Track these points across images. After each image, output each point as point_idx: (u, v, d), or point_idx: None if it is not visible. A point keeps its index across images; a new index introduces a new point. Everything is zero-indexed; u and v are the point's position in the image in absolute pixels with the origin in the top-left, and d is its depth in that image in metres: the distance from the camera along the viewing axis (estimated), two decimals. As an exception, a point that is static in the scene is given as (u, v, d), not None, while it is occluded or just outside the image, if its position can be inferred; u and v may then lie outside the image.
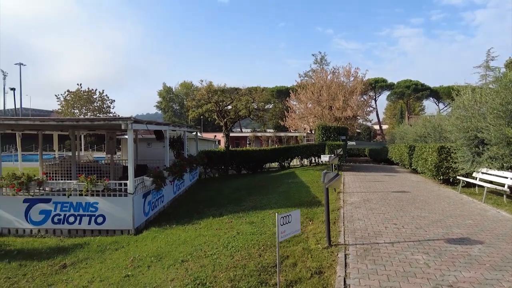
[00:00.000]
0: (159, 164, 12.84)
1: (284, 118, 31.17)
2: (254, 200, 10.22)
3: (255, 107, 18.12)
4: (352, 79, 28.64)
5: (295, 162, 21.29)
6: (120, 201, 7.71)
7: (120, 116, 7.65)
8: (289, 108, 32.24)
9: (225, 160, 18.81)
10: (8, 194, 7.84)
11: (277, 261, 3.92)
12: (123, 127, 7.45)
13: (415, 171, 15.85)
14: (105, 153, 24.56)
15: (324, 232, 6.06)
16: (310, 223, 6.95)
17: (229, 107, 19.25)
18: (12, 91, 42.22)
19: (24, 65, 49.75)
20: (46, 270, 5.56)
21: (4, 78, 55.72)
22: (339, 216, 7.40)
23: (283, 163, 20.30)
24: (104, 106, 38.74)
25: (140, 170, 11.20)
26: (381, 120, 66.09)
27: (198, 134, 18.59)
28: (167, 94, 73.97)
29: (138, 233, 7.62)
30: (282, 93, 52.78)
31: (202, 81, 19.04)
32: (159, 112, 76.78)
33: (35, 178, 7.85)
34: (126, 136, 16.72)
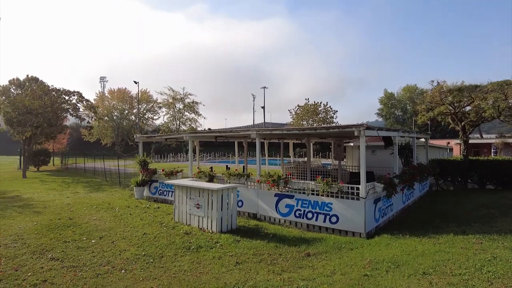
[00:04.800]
0: (384, 171, 12.52)
1: (553, 119, 23.25)
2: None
3: (510, 105, 14.43)
4: None
5: None
6: (352, 204, 8.06)
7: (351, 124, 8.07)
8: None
9: (463, 171, 16.01)
10: (264, 189, 9.83)
11: None
12: (356, 133, 7.79)
13: None
14: (330, 159, 26.45)
15: None
16: None
17: (468, 108, 16.28)
18: (260, 109, 52.76)
19: (267, 88, 61.41)
20: (295, 254, 6.55)
21: (253, 100, 70.29)
22: None
23: (554, 179, 15.13)
24: (328, 116, 41.74)
25: (367, 177, 11.32)
26: None
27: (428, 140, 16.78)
28: (388, 101, 71.47)
29: (369, 238, 7.70)
30: (548, 87, 39.70)
31: (432, 81, 17.12)
32: (380, 119, 75.19)
33: (283, 177, 9.44)
34: (351, 144, 17.41)
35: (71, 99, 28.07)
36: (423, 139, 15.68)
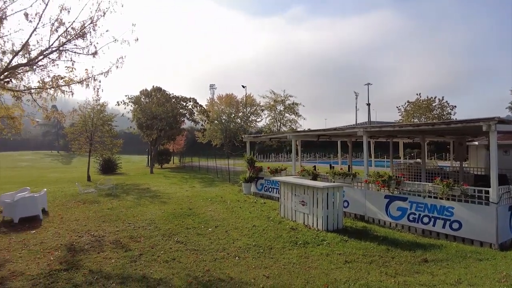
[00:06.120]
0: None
1: None
2: None
3: None
4: None
5: None
6: (480, 209, 7.04)
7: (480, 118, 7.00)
8: None
9: None
10: (372, 190, 9.37)
11: None
12: (484, 128, 6.79)
13: None
14: (448, 161, 23.49)
15: None
16: None
17: None
18: (362, 108, 50.36)
19: (371, 84, 58.11)
20: (409, 259, 6.08)
21: (356, 98, 67.47)
22: None
23: None
24: (444, 113, 37.23)
25: (499, 180, 9.70)
26: None
27: None
28: (524, 92, 59.64)
29: (503, 250, 6.62)
30: None
31: None
32: (512, 115, 63.25)
33: (395, 177, 8.84)
34: (476, 142, 15.16)
35: (187, 104, 31.66)
36: None
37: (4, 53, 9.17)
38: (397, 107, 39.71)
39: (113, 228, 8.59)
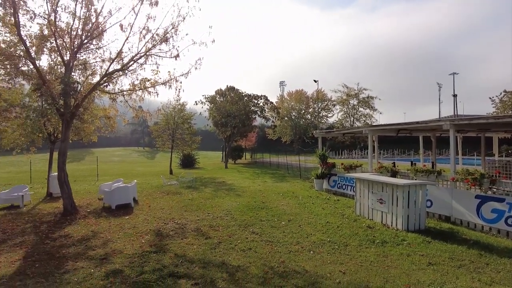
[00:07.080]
0: None
1: None
2: None
3: None
4: None
5: None
6: None
7: None
8: None
9: None
10: (460, 189, 8.50)
11: None
12: None
13: None
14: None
15: None
16: None
17: None
18: (447, 100, 45.80)
19: (457, 73, 52.40)
20: (510, 267, 5.39)
21: (439, 89, 61.65)
22: None
23: None
24: (553, 103, 31.86)
25: None
26: None
27: None
28: None
29: None
30: None
31: None
32: None
33: (488, 175, 7.90)
34: None
35: (258, 102, 32.36)
36: None
37: (103, 61, 10.52)
38: (490, 98, 35.22)
39: (194, 217, 9.25)
